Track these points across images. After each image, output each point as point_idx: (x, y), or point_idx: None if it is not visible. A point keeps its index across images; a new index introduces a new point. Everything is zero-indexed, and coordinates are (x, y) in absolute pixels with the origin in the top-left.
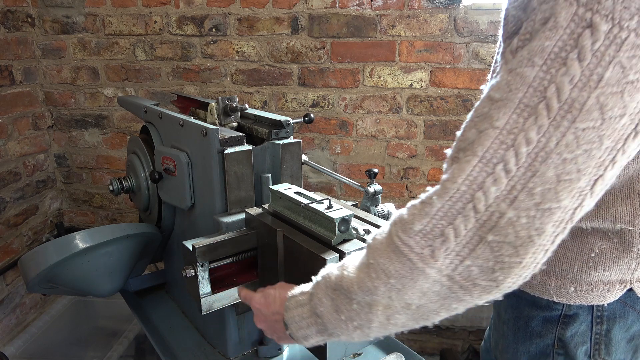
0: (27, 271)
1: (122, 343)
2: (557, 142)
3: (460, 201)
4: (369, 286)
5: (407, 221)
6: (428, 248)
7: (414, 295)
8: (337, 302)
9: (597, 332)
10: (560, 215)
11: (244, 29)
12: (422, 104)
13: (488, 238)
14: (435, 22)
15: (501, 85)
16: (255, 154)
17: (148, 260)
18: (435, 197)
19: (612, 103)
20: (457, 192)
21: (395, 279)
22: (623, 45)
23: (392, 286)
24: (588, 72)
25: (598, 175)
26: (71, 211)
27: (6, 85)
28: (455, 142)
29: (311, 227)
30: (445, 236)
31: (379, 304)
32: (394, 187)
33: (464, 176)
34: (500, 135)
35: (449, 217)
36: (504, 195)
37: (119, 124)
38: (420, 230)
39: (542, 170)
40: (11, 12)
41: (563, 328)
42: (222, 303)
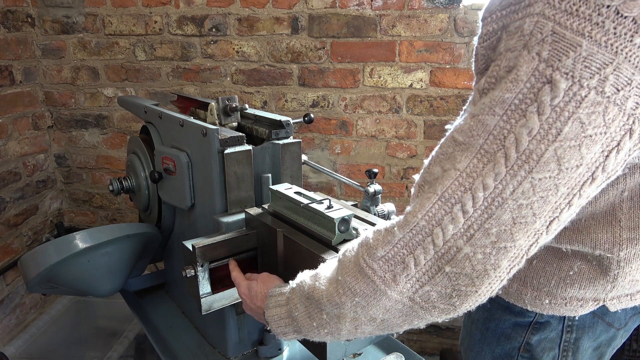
0: (27, 271)
1: (122, 343)
2: (514, 189)
3: (419, 234)
4: (336, 301)
5: (372, 246)
6: (390, 273)
7: (378, 312)
8: (309, 309)
9: (566, 340)
10: (515, 252)
11: (244, 29)
12: (422, 104)
13: (446, 269)
14: (435, 22)
15: (464, 129)
16: (255, 154)
17: (148, 260)
18: (397, 228)
19: (570, 155)
20: (417, 226)
21: (360, 297)
22: (583, 102)
23: (358, 303)
24: (547, 126)
25: (554, 217)
26: (71, 211)
27: (6, 85)
28: (422, 172)
29: (311, 227)
30: (405, 264)
31: (346, 316)
32: (394, 187)
33: (424, 212)
34: (460, 177)
35: (409, 247)
36: (461, 233)
37: (119, 124)
38: (382, 257)
39: (497, 214)
40: (11, 12)
41: (532, 333)
42: (222, 303)
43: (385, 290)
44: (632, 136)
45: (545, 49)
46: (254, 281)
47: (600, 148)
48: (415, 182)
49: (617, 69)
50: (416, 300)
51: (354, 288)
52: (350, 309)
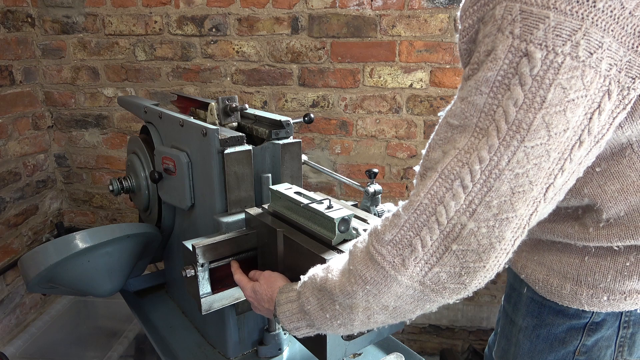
0: (27, 271)
1: (122, 343)
2: (509, 159)
3: (424, 214)
4: (348, 290)
5: (380, 232)
6: (399, 257)
7: (389, 299)
8: (322, 301)
9: (622, 336)
10: (517, 223)
11: (244, 29)
12: (422, 104)
13: (453, 247)
14: (435, 22)
15: (457, 112)
16: (255, 154)
17: (148, 260)
18: (402, 210)
19: (557, 121)
20: (420, 205)
21: (371, 285)
22: (561, 68)
23: (369, 291)
24: (531, 95)
25: (549, 184)
26: (71, 211)
27: (6, 85)
28: (422, 161)
29: (311, 227)
30: (413, 246)
31: (359, 306)
32: (394, 187)
33: (426, 191)
34: (458, 154)
35: (415, 229)
36: (463, 209)
37: (119, 124)
38: (390, 240)
39: (496, 186)
40: (11, 12)
41: (589, 334)
42: (222, 303)
43: (395, 275)
44: (610, 97)
45: (516, 27)
46: (258, 282)
47: (583, 111)
48: (417, 173)
49: (586, 33)
50: (426, 283)
51: (364, 276)
52: (362, 298)
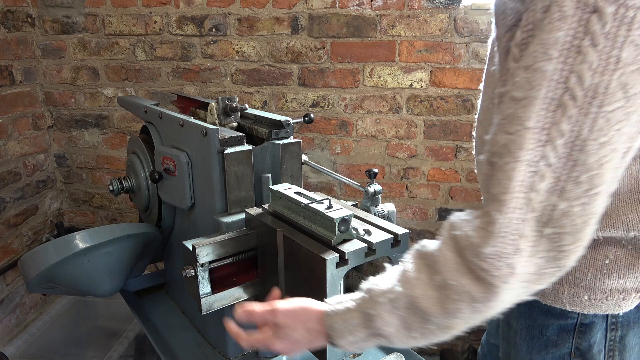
0: (27, 271)
1: (122, 343)
2: (590, 128)
3: (520, 209)
4: (450, 308)
5: (478, 245)
6: (505, 266)
7: (496, 309)
8: (408, 321)
9: (611, 339)
10: (605, 192)
11: (244, 29)
12: (422, 104)
13: (546, 231)
14: (435, 22)
15: (520, 84)
16: (255, 154)
17: (148, 260)
18: (495, 214)
19: (633, 80)
20: (515, 201)
21: (480, 303)
22: (633, 24)
23: (478, 309)
24: (605, 56)
25: (629, 147)
26: (71, 211)
27: (6, 85)
28: (486, 146)
29: (311, 227)
30: (517, 248)
31: (460, 324)
32: (394, 187)
33: (516, 183)
34: (535, 134)
35: (516, 230)
36: (551, 188)
37: (119, 124)
38: (491, 253)
39: (582, 159)
40: (11, 12)
41: (580, 337)
42: (222, 303)
43: (504, 285)
44: None
45: None
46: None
47: None
48: (480, 160)
49: None
50: (531, 279)
51: (471, 293)
52: (466, 316)
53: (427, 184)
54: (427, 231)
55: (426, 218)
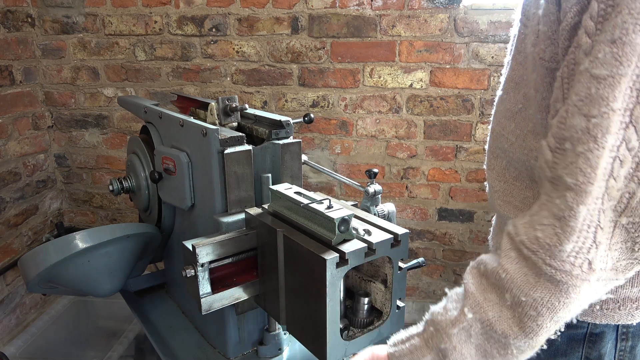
0: (27, 271)
1: (122, 343)
2: None
3: (600, 198)
4: (531, 326)
5: (553, 244)
6: (585, 263)
7: (574, 313)
8: (485, 348)
9: (621, 349)
10: None
11: (244, 29)
12: (422, 104)
13: (622, 221)
14: (435, 22)
15: (605, 60)
16: (255, 154)
17: (148, 260)
18: (576, 205)
19: None
20: (598, 190)
21: (562, 311)
22: None
23: (560, 318)
24: None
25: None
26: (71, 211)
27: (6, 85)
28: (555, 130)
29: (311, 227)
30: (597, 241)
31: (543, 340)
32: (394, 187)
33: (600, 171)
34: (619, 116)
35: (596, 220)
36: (631, 174)
37: (119, 124)
38: (572, 250)
39: None
40: (11, 12)
41: (590, 347)
42: (222, 303)
43: (582, 284)
44: None
45: None
46: None
47: None
48: (546, 145)
49: None
50: (607, 276)
51: (551, 303)
52: (548, 330)
53: (427, 184)
54: (427, 231)
55: (426, 218)
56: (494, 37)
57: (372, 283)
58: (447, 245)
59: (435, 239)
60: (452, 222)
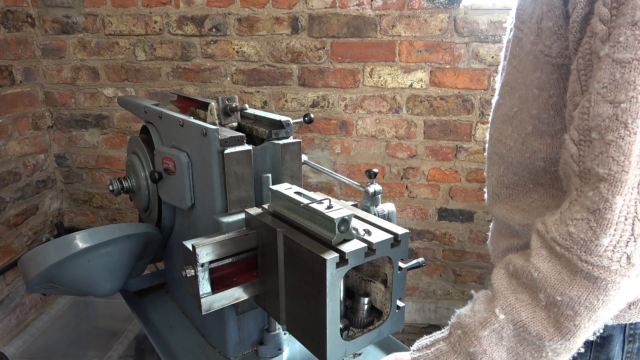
0: (27, 271)
1: (122, 343)
2: None
3: (635, 188)
4: (568, 327)
5: (587, 240)
6: (624, 257)
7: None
8: (517, 351)
9: (628, 351)
10: None
11: (244, 29)
12: (422, 104)
13: None
14: (435, 22)
15: (629, 43)
16: (255, 154)
17: (148, 260)
18: (612, 196)
19: None
20: (634, 177)
21: (601, 309)
22: None
23: (599, 317)
24: None
25: None
26: (71, 211)
27: (6, 85)
28: (578, 122)
29: (311, 227)
30: (635, 234)
31: (581, 342)
32: (394, 187)
33: (635, 159)
34: None
35: (632, 211)
36: None
37: (119, 124)
38: (609, 244)
39: None
40: (11, 12)
41: (598, 350)
42: (222, 303)
43: (622, 280)
44: None
45: None
46: None
47: None
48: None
49: None
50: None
51: (588, 302)
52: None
53: (427, 184)
54: (427, 231)
55: (426, 218)
56: (494, 37)
57: (372, 283)
58: (447, 245)
59: (435, 239)
60: (452, 222)
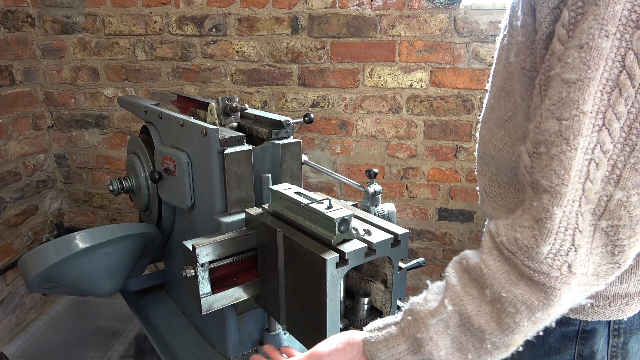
0: (27, 271)
1: (122, 343)
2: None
3: (577, 201)
4: (508, 323)
5: (531, 246)
6: (564, 265)
7: (554, 317)
8: (462, 341)
9: (613, 345)
10: None
11: (244, 29)
12: (422, 104)
13: (602, 224)
14: (435, 22)
15: (574, 65)
16: (255, 154)
17: (148, 260)
18: (552, 207)
19: None
20: (574, 192)
21: (540, 312)
22: None
23: (538, 319)
24: None
25: None
26: (71, 211)
27: (6, 85)
28: (532, 135)
29: (311, 227)
30: (575, 244)
31: (519, 340)
32: (394, 187)
33: (574, 173)
34: (591, 118)
35: (573, 223)
36: (607, 177)
37: (119, 124)
38: (548, 252)
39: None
40: (11, 12)
41: (582, 344)
42: (222, 303)
43: (563, 288)
44: None
45: None
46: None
47: None
48: (525, 151)
49: None
50: (588, 281)
51: (529, 302)
52: (526, 329)
53: (427, 184)
54: (427, 231)
55: (426, 218)
56: (494, 37)
57: (372, 283)
58: (447, 245)
59: (435, 239)
60: (452, 222)
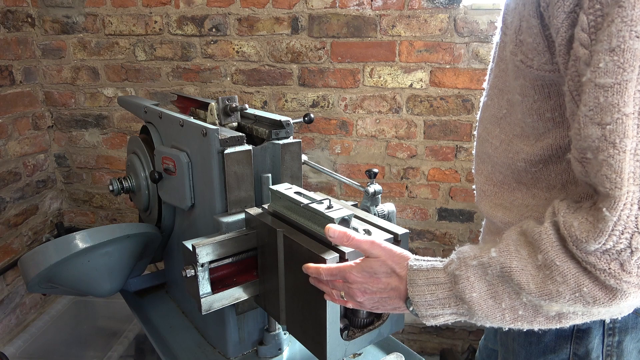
0: (27, 271)
1: (122, 343)
2: None
3: (635, 204)
4: (551, 290)
5: (580, 239)
6: (619, 267)
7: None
8: (498, 290)
9: (608, 344)
10: None
11: (244, 29)
12: (422, 104)
13: None
14: (435, 22)
15: (608, 69)
16: (255, 154)
17: (148, 260)
18: (606, 210)
19: None
20: (631, 194)
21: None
22: None
23: (577, 299)
24: None
25: None
26: (71, 211)
27: (6, 85)
28: (575, 142)
29: (311, 227)
30: (633, 247)
31: (555, 308)
32: (394, 187)
33: (626, 176)
34: (634, 119)
35: (629, 227)
36: None
37: (119, 124)
38: (597, 249)
39: None
40: (11, 12)
41: (577, 343)
42: (222, 303)
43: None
44: None
45: None
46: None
47: None
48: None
49: None
50: None
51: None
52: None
53: (427, 184)
54: (427, 231)
55: (426, 218)
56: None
57: None
58: (447, 245)
59: (435, 239)
60: (452, 222)
